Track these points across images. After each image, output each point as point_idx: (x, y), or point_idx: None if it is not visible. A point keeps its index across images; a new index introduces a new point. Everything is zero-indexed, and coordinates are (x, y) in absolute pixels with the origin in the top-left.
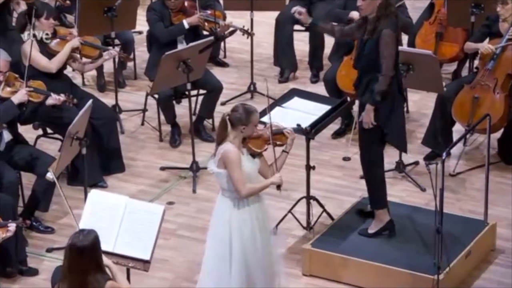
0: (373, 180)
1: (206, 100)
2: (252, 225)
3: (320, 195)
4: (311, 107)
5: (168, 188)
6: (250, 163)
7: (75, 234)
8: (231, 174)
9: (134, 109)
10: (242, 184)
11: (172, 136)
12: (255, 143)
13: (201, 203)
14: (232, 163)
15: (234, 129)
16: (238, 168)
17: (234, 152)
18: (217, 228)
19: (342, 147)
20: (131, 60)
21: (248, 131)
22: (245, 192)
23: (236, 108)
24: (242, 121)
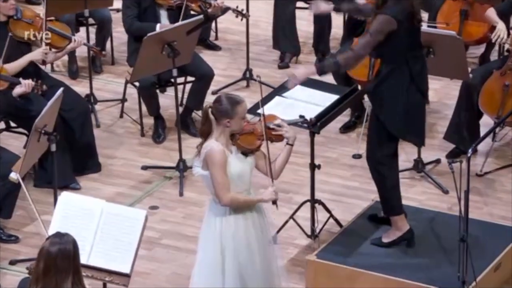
0: (382, 183)
1: (194, 89)
2: (247, 234)
3: (326, 198)
4: (316, 96)
5: (151, 191)
6: (241, 163)
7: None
8: (213, 177)
9: (112, 99)
10: (223, 190)
11: (155, 131)
12: (246, 140)
13: (189, 207)
14: (215, 164)
15: (218, 123)
16: (222, 171)
17: (217, 151)
18: (207, 237)
19: (352, 143)
20: (104, 56)
21: (234, 125)
22: (225, 201)
23: (218, 99)
24: (227, 114)
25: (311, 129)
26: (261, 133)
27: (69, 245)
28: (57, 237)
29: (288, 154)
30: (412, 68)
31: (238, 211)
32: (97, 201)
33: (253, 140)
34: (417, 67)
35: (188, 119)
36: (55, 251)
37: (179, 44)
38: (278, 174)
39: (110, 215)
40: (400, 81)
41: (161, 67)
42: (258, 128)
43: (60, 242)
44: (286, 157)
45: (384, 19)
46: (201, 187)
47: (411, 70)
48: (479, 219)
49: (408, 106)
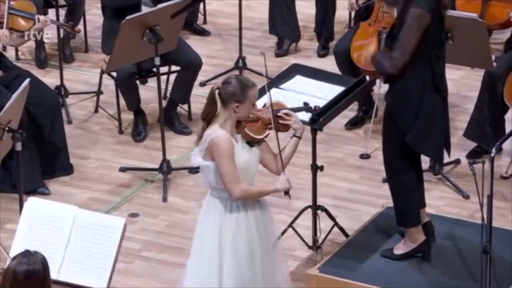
0: (398, 189)
1: (180, 80)
2: (249, 236)
3: (330, 204)
4: (318, 88)
5: (130, 196)
6: (247, 153)
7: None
8: (221, 168)
9: (85, 91)
10: (234, 182)
11: (135, 127)
12: (253, 128)
13: (173, 215)
14: (222, 154)
15: (226, 107)
16: (230, 161)
17: (225, 140)
18: (204, 235)
19: (359, 141)
20: (78, 32)
21: (243, 111)
22: (238, 193)
23: (228, 80)
24: (236, 97)
25: (312, 125)
26: (268, 121)
27: (38, 265)
28: (25, 256)
29: (294, 147)
30: (434, 68)
31: (240, 209)
32: (69, 208)
33: (261, 128)
34: (439, 68)
35: (173, 114)
36: (23, 272)
37: (162, 29)
38: (285, 165)
39: (83, 224)
40: (419, 82)
41: (142, 55)
42: (265, 115)
43: (29, 263)
44: (293, 150)
45: (418, 14)
46: (187, 192)
47: (433, 70)
48: (504, 228)
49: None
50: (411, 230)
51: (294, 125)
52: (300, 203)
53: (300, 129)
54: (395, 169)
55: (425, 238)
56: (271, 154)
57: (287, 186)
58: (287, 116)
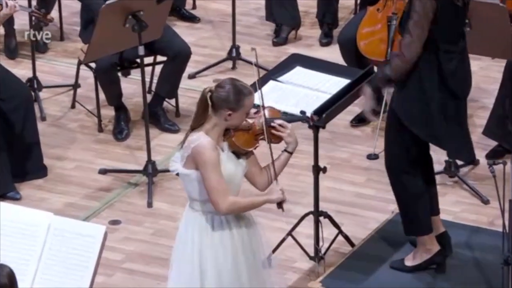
0: (404, 194)
1: (167, 72)
2: (234, 255)
3: (334, 209)
4: (321, 81)
5: (111, 201)
6: (232, 165)
7: None
8: (207, 179)
9: (61, 84)
10: (222, 194)
11: (116, 125)
12: (242, 138)
13: (159, 222)
14: (208, 164)
15: (216, 113)
16: (217, 172)
17: (210, 148)
18: (184, 254)
19: (367, 139)
20: (51, 20)
21: (235, 120)
22: (226, 207)
23: (223, 84)
24: (229, 104)
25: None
26: (260, 131)
27: (3, 279)
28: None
29: (284, 163)
30: (442, 64)
31: (224, 226)
32: (43, 215)
33: (251, 139)
34: (451, 66)
35: (159, 110)
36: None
37: (146, 15)
38: (267, 186)
39: (59, 232)
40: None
41: (124, 44)
42: (257, 125)
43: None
44: (282, 166)
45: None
46: (174, 196)
47: (440, 66)
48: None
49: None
50: (423, 239)
51: (287, 139)
52: (300, 209)
53: (293, 144)
54: (399, 171)
55: (440, 248)
56: (258, 168)
57: (281, 197)
58: (281, 127)
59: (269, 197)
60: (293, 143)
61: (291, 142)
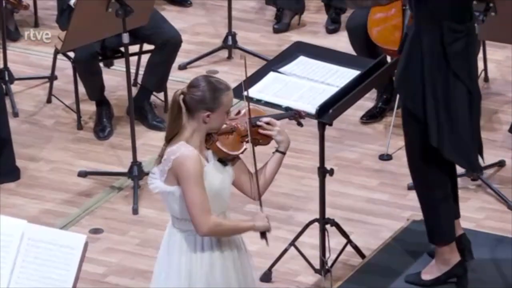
0: (425, 197)
1: (154, 62)
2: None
3: (342, 217)
4: (326, 72)
5: (92, 207)
6: (219, 175)
7: None
8: (187, 195)
9: (35, 76)
10: (203, 213)
11: (98, 121)
12: (226, 141)
13: (146, 230)
14: (189, 177)
15: (193, 117)
16: (199, 187)
17: (192, 159)
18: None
19: (379, 138)
20: (26, 8)
21: (215, 121)
22: (207, 228)
23: (195, 83)
24: (206, 104)
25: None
26: (245, 132)
27: None
28: None
29: (277, 165)
30: (446, 44)
31: (214, 247)
32: (16, 222)
33: (236, 142)
34: (456, 48)
35: (146, 105)
36: None
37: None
38: (262, 193)
39: (33, 243)
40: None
41: (106, 31)
42: (241, 125)
43: None
44: (275, 169)
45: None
46: None
47: (444, 46)
48: None
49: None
50: (442, 249)
51: (277, 137)
52: (304, 216)
53: (284, 142)
54: (420, 171)
55: (460, 259)
56: (247, 175)
57: (266, 225)
58: (268, 125)
59: (255, 223)
60: (284, 141)
61: (282, 141)
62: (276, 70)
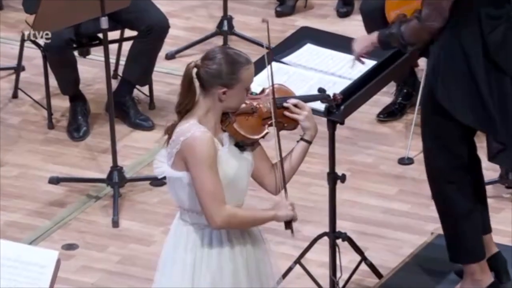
0: (445, 209)
1: (138, 51)
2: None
3: (356, 230)
4: (337, 62)
5: (65, 219)
6: (236, 162)
7: None
8: (198, 183)
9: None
10: (217, 203)
11: (72, 119)
12: (246, 123)
13: (128, 246)
14: (201, 162)
15: (207, 94)
16: (212, 173)
17: (205, 140)
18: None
19: (398, 138)
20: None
21: (232, 99)
22: (221, 219)
23: (211, 55)
24: (222, 79)
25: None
26: (268, 114)
27: None
28: None
29: (302, 155)
30: (485, 34)
31: (224, 242)
32: None
33: (257, 124)
34: (496, 37)
35: (127, 101)
36: None
37: None
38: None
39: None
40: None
41: (82, 15)
42: (263, 106)
43: None
44: (299, 160)
45: None
46: (148, 213)
47: (483, 37)
48: None
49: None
50: (471, 268)
51: (304, 123)
52: (311, 229)
53: (311, 129)
54: (442, 179)
55: (494, 280)
56: (268, 164)
57: (290, 214)
58: (296, 108)
59: (276, 213)
60: (311, 128)
61: (309, 128)
62: (278, 60)
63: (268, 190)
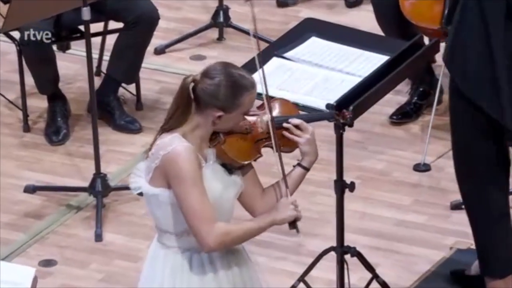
0: (474, 215)
1: (123, 45)
2: None
3: (366, 244)
4: (346, 58)
5: (42, 232)
6: (220, 184)
7: None
8: (184, 199)
9: None
10: (208, 221)
11: (51, 121)
12: (237, 145)
13: (112, 262)
14: (185, 178)
15: (200, 112)
16: (198, 188)
17: (187, 155)
18: None
19: (413, 142)
20: None
21: (227, 123)
22: (213, 239)
23: (211, 73)
24: (220, 102)
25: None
26: (264, 135)
27: None
28: None
29: (297, 183)
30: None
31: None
32: None
33: (249, 147)
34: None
35: (112, 101)
36: None
37: None
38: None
39: None
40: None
41: (61, 5)
42: (259, 125)
43: None
44: (294, 186)
45: None
46: (134, 226)
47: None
48: None
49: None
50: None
51: (305, 147)
52: (317, 243)
53: (311, 155)
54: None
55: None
56: (259, 189)
57: (292, 214)
58: (297, 129)
59: (276, 216)
60: (311, 154)
61: (309, 153)
62: (280, 55)
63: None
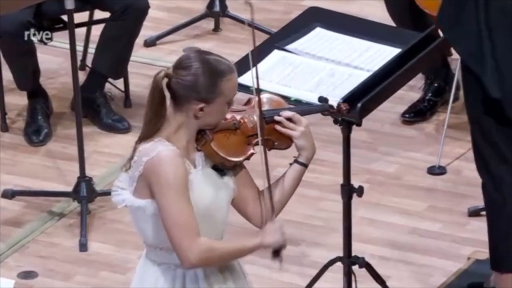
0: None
1: (111, 37)
2: None
3: (376, 254)
4: (353, 50)
5: (22, 241)
6: (211, 188)
7: None
8: (166, 210)
9: None
10: (189, 237)
11: (31, 120)
12: (227, 142)
13: (99, 273)
14: (168, 187)
15: (180, 109)
16: (182, 199)
17: (172, 161)
18: None
19: (428, 143)
20: None
21: (211, 115)
22: (195, 256)
23: (185, 62)
24: (199, 93)
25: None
26: (254, 130)
27: None
28: None
29: (296, 181)
30: None
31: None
32: None
33: (240, 143)
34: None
35: (98, 97)
36: None
37: None
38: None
39: None
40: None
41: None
42: (248, 120)
43: None
44: (292, 187)
45: None
46: (122, 233)
47: None
48: None
49: None
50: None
51: (300, 141)
52: (322, 253)
53: (308, 150)
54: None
55: None
56: (253, 191)
57: (279, 240)
58: (290, 122)
59: (261, 241)
60: (308, 148)
61: (305, 147)
62: (282, 47)
63: (252, 222)
